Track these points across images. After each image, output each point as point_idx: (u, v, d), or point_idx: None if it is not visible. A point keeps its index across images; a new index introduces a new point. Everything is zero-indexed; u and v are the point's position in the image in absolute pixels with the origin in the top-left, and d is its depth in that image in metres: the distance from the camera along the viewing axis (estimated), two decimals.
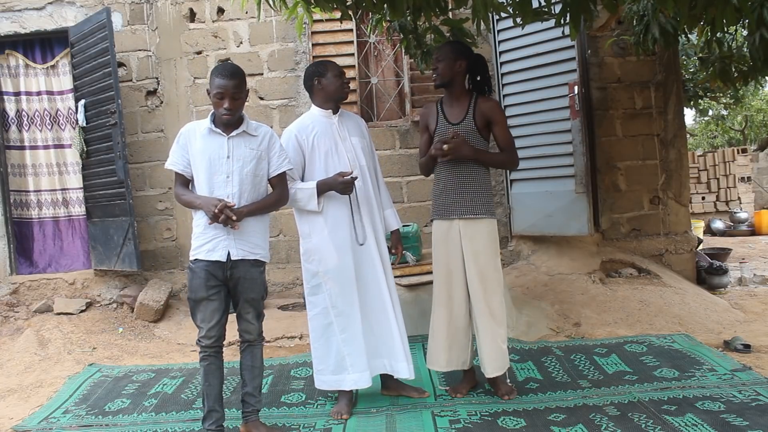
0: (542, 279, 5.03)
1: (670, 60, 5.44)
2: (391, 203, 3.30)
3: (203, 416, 2.72)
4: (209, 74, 2.80)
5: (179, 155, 2.76)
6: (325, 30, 5.53)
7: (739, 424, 2.63)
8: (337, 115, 3.11)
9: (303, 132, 3.03)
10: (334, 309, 3.02)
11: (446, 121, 3.12)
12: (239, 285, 2.75)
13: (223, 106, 2.66)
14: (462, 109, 3.12)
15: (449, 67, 3.07)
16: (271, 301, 5.32)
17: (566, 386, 3.23)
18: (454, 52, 3.10)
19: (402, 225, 3.48)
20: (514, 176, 5.40)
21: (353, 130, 3.15)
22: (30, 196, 5.65)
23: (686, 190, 5.55)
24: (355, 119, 3.27)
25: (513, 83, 5.27)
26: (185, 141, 2.75)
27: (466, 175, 3.08)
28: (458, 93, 3.14)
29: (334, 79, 3.05)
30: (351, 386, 3.04)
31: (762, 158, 12.76)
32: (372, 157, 3.23)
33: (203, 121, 2.79)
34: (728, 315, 4.57)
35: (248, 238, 2.74)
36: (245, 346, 2.85)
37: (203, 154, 2.70)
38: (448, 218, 3.09)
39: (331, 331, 3.04)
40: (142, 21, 5.60)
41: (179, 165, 2.76)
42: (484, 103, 3.13)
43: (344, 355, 3.02)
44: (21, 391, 3.70)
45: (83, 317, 5.00)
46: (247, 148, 2.73)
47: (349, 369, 3.01)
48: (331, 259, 3.01)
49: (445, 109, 3.15)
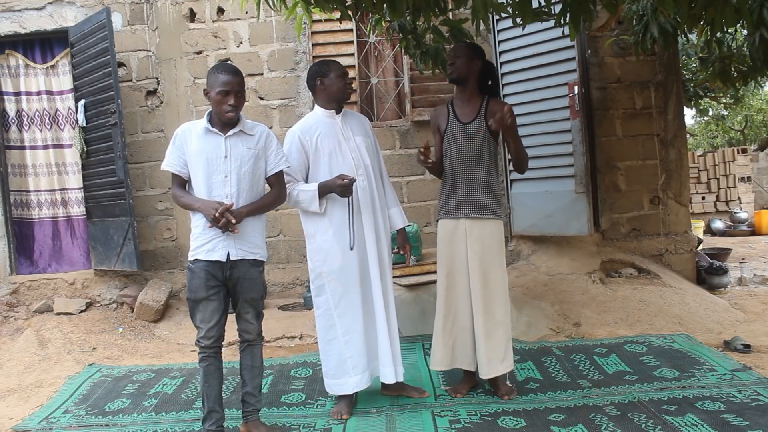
0: (542, 279, 5.03)
1: (670, 60, 5.44)
2: (396, 202, 3.28)
3: (203, 417, 2.72)
4: (208, 74, 2.79)
5: (176, 156, 2.73)
6: (325, 30, 5.53)
7: (739, 424, 2.63)
8: (340, 115, 3.10)
9: (306, 133, 3.02)
10: (337, 310, 3.01)
11: (457, 121, 3.13)
12: (239, 285, 2.75)
13: (228, 102, 2.65)
14: (474, 109, 3.13)
15: (466, 65, 3.10)
16: (271, 301, 5.32)
17: (566, 386, 3.23)
18: (472, 51, 3.13)
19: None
20: (514, 176, 5.39)
21: (357, 130, 3.13)
22: (30, 196, 5.65)
23: (686, 190, 5.54)
24: (359, 118, 3.26)
25: (513, 83, 5.27)
26: (181, 142, 2.73)
27: (476, 174, 3.09)
28: (471, 93, 3.15)
29: (336, 79, 3.04)
30: (353, 389, 3.03)
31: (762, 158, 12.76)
32: (377, 156, 3.21)
33: (199, 121, 2.77)
34: (728, 315, 4.57)
35: (247, 238, 2.74)
36: (245, 346, 2.85)
37: (201, 155, 2.69)
38: (454, 217, 3.09)
39: (334, 333, 3.03)
40: (142, 21, 5.61)
41: (176, 166, 2.73)
42: (495, 105, 3.14)
43: (346, 357, 3.00)
44: (21, 391, 3.70)
45: (83, 317, 5.00)
46: (244, 147, 2.73)
47: (351, 372, 3.00)
48: (334, 260, 3.00)
49: (456, 109, 3.16)
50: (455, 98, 3.21)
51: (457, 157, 3.10)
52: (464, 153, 3.09)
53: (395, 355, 3.09)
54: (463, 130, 3.10)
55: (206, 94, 2.74)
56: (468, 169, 3.09)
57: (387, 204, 3.21)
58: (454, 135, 3.10)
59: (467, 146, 3.09)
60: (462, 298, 3.09)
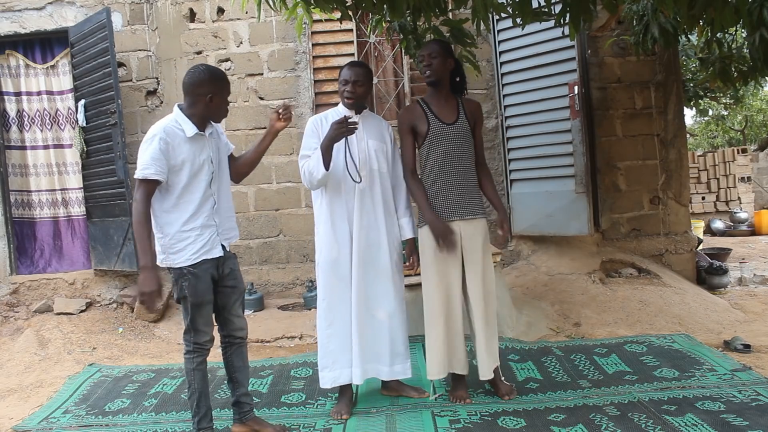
0: (542, 279, 5.03)
1: (670, 60, 5.44)
2: (408, 212, 3.21)
3: (201, 415, 2.69)
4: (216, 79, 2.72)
5: (163, 163, 2.54)
6: (325, 30, 5.53)
7: (739, 424, 2.63)
8: (359, 116, 3.09)
9: (324, 121, 3.05)
10: (324, 302, 3.03)
11: (440, 122, 3.05)
12: (231, 278, 2.76)
13: (227, 105, 2.73)
14: (453, 110, 3.09)
15: (442, 65, 3.04)
16: (271, 301, 5.33)
17: (566, 386, 3.23)
18: (445, 50, 3.07)
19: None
20: (514, 176, 5.40)
21: (373, 133, 3.10)
22: (30, 196, 5.65)
23: (686, 190, 5.55)
24: (379, 122, 3.21)
25: (513, 83, 5.27)
26: (166, 147, 2.55)
27: (465, 175, 3.07)
28: (446, 93, 3.11)
29: (339, 84, 3.07)
30: (330, 384, 3.02)
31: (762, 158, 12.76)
32: (392, 163, 3.16)
33: (171, 122, 2.65)
34: (728, 315, 4.57)
35: (228, 224, 2.78)
36: (235, 348, 2.83)
37: (193, 158, 2.63)
38: (447, 220, 3.04)
39: (321, 324, 3.05)
40: (142, 21, 5.61)
41: (163, 174, 2.55)
42: (469, 104, 3.15)
43: (329, 350, 3.02)
44: (21, 391, 3.70)
45: (83, 317, 5.00)
46: (215, 141, 2.77)
47: (330, 366, 3.01)
48: (329, 252, 3.01)
49: (434, 110, 3.08)
50: (429, 99, 3.11)
51: (445, 158, 3.03)
52: (452, 154, 3.04)
53: (393, 354, 3.09)
54: (448, 132, 3.04)
55: (199, 97, 2.64)
56: (458, 171, 3.05)
57: (398, 213, 3.17)
58: (439, 137, 3.03)
59: (455, 147, 3.04)
60: (456, 302, 3.06)
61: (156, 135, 2.57)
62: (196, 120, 2.67)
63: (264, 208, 5.62)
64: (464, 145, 3.07)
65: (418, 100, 3.16)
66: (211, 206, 2.69)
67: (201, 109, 2.66)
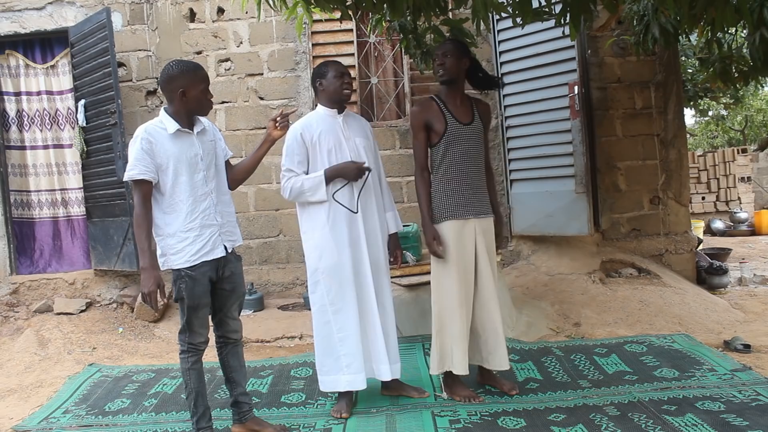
0: (542, 279, 5.03)
1: (670, 60, 5.44)
2: (392, 206, 3.28)
3: (200, 415, 2.69)
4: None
5: (148, 162, 2.55)
6: (325, 30, 5.53)
7: (739, 424, 2.63)
8: (341, 115, 3.12)
9: (308, 129, 3.03)
10: (332, 306, 3.02)
11: (457, 122, 3.07)
12: (231, 281, 2.75)
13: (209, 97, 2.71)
14: (468, 110, 3.12)
15: (456, 64, 3.06)
16: (271, 301, 5.33)
17: (566, 386, 3.23)
18: (459, 49, 3.10)
19: (402, 225, 3.48)
20: (514, 176, 5.40)
21: (357, 131, 3.14)
22: (30, 196, 5.64)
23: (686, 190, 5.55)
24: (360, 121, 3.27)
25: (513, 83, 5.27)
26: (150, 146, 2.56)
27: (479, 175, 3.14)
28: (461, 92, 3.14)
29: (333, 79, 3.05)
30: (345, 387, 3.02)
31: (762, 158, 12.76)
32: (375, 159, 3.22)
33: (155, 122, 2.65)
34: (728, 315, 4.57)
35: (230, 226, 2.76)
36: (230, 348, 2.83)
37: (179, 156, 2.61)
38: (463, 218, 3.06)
39: (329, 330, 3.03)
40: (142, 21, 5.61)
41: (150, 173, 2.56)
42: (481, 106, 3.19)
43: (340, 354, 3.01)
44: (21, 391, 3.70)
45: (83, 317, 5.00)
46: (207, 141, 2.75)
47: (344, 369, 3.00)
48: (330, 257, 3.00)
49: (450, 108, 3.09)
50: (445, 97, 3.12)
51: (462, 158, 3.07)
52: (469, 154, 3.08)
53: (391, 353, 3.09)
54: (465, 132, 3.08)
55: (177, 93, 2.60)
56: (473, 170, 3.10)
57: (384, 207, 3.22)
58: (456, 136, 3.06)
59: (472, 147, 3.09)
60: (470, 297, 3.11)
61: (138, 136, 2.59)
62: (179, 117, 2.65)
63: (264, 208, 5.62)
64: (479, 145, 3.12)
65: (433, 98, 3.16)
66: (210, 205, 2.68)
67: (178, 105, 2.63)
